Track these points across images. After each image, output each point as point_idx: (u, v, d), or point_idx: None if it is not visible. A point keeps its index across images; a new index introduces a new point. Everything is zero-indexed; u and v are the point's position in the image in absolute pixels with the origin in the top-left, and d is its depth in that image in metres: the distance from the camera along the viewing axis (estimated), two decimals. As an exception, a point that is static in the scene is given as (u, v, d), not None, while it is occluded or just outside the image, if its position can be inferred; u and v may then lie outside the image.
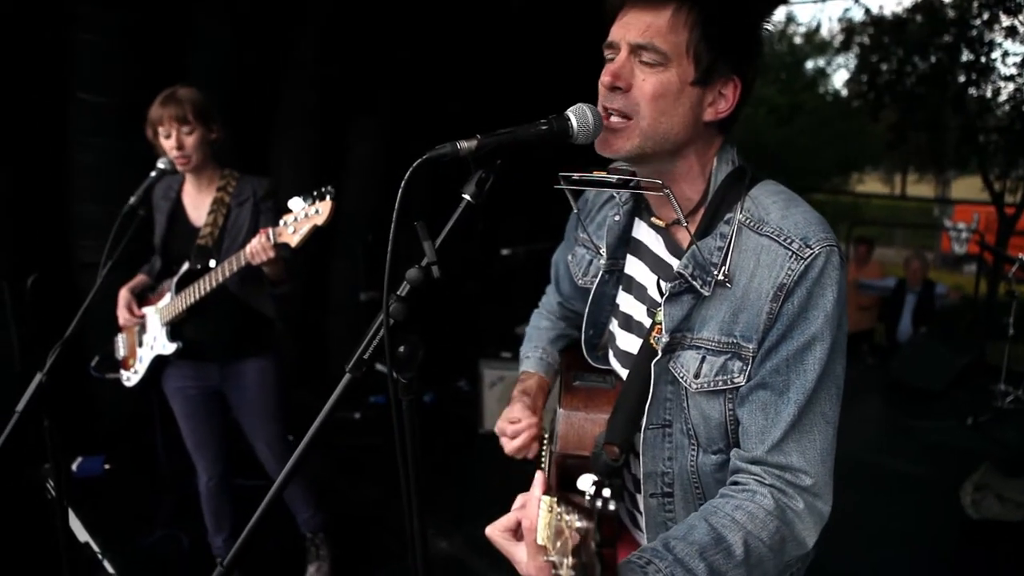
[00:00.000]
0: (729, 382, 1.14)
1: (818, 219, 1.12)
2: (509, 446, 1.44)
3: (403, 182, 1.04)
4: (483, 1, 5.23)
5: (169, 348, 2.55)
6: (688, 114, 1.14)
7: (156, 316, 2.60)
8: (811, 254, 1.08)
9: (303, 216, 2.15)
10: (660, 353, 1.18)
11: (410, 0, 4.97)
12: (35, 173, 3.72)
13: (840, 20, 12.43)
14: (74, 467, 3.84)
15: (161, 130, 2.43)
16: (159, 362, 2.62)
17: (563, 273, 1.59)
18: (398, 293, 1.04)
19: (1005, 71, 9.08)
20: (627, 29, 1.14)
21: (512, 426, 1.43)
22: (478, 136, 1.07)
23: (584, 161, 1.28)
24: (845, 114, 17.16)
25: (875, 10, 11.79)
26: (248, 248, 2.26)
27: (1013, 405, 5.19)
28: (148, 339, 2.63)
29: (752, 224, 1.14)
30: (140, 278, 2.73)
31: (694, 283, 1.14)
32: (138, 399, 3.25)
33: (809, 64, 22.38)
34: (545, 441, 1.53)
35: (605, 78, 1.14)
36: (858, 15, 12.49)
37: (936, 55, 9.62)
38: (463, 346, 5.09)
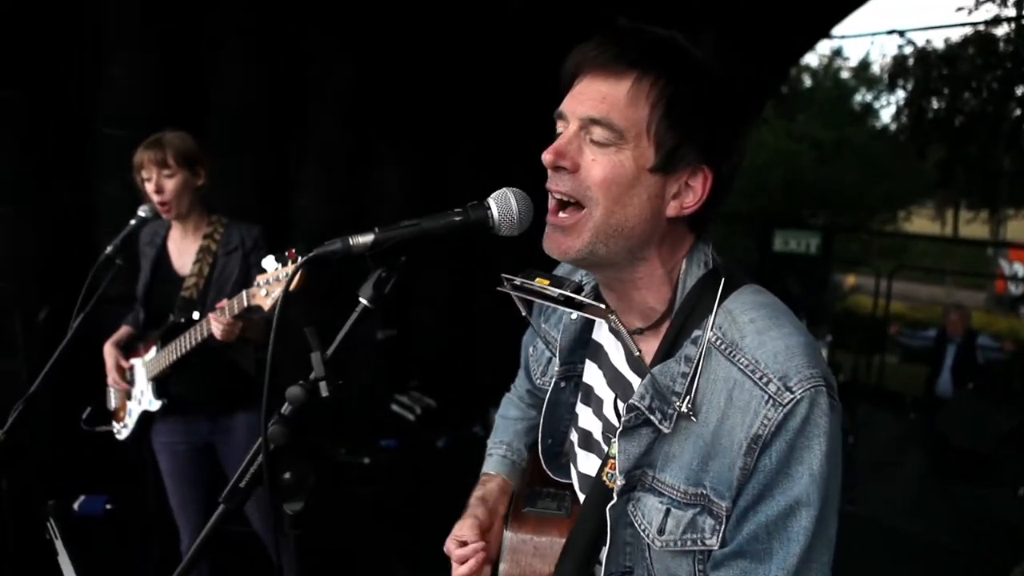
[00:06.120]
0: (700, 542, 0.95)
1: (802, 347, 0.92)
2: (455, 572, 1.25)
3: (285, 284, 0.94)
4: (512, 25, 5.17)
5: (155, 405, 2.46)
6: (646, 206, 0.95)
7: (143, 370, 2.51)
8: (791, 400, 0.88)
9: (274, 279, 2.01)
10: (615, 496, 1.01)
11: (441, 24, 4.92)
12: (61, 206, 3.74)
13: (894, 58, 11.87)
14: (75, 505, 3.77)
15: (143, 174, 2.37)
16: (147, 417, 2.52)
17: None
18: (281, 413, 0.93)
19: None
20: (579, 101, 0.97)
21: (458, 550, 1.24)
22: (375, 230, 0.95)
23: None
24: (893, 150, 16.66)
25: (924, 43, 11.18)
26: (215, 332, 2.17)
27: (1067, 475, 4.80)
28: (136, 393, 2.55)
29: (724, 347, 0.95)
30: (124, 330, 2.63)
31: (652, 417, 0.97)
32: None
33: (857, 98, 21.89)
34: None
35: (547, 156, 0.96)
36: (909, 50, 12.08)
37: (989, 89, 9.25)
38: (479, 392, 4.94)
